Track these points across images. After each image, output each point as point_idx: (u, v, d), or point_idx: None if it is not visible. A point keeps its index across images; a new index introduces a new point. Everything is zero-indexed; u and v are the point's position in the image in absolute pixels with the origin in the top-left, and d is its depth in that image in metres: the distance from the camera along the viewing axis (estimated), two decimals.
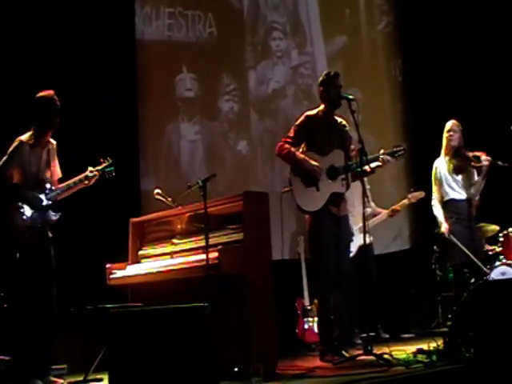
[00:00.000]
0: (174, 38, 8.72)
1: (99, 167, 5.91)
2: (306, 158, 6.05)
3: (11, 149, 5.60)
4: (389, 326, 7.84)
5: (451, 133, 7.25)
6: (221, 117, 8.83)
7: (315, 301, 7.71)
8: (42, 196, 5.59)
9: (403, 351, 5.74)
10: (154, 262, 6.23)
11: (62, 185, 5.77)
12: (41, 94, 5.69)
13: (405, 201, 7.91)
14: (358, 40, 10.06)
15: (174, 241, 6.19)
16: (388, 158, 6.25)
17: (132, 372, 4.14)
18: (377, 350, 5.58)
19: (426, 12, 9.87)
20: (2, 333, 5.91)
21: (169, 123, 8.53)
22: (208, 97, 8.80)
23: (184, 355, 4.23)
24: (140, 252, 6.52)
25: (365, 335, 7.31)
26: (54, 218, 5.64)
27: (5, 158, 5.55)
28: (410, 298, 8.94)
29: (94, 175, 5.85)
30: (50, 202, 5.63)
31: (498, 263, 7.64)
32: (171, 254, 6.14)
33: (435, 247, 8.77)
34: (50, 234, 5.67)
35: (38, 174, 5.64)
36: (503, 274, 7.52)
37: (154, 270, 6.00)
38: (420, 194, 7.81)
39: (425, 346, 5.59)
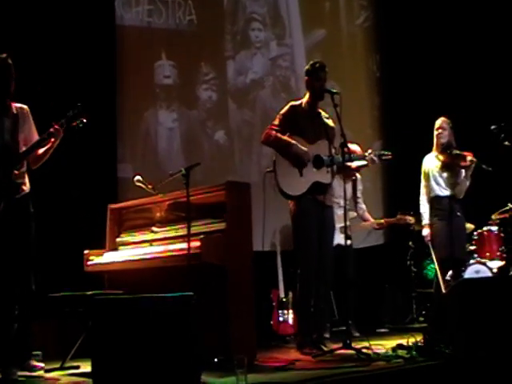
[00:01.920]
0: (153, 25, 8.60)
1: (62, 120, 5.44)
2: (296, 144, 6.01)
3: None
4: (362, 320, 7.83)
5: (440, 130, 7.33)
6: (199, 105, 8.74)
7: (290, 293, 7.69)
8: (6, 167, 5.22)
9: (382, 346, 5.74)
10: (132, 250, 6.17)
11: (24, 149, 5.35)
12: None
13: (393, 220, 7.88)
14: (337, 34, 10.04)
15: (154, 229, 6.11)
16: (375, 158, 6.26)
17: (115, 360, 4.08)
18: (356, 345, 5.59)
19: (404, 8, 9.90)
20: None
21: (147, 110, 8.42)
22: (186, 85, 8.71)
23: (167, 345, 4.16)
24: (118, 239, 6.45)
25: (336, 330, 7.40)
26: (18, 191, 5.29)
27: None
28: (385, 293, 8.94)
29: (58, 129, 5.36)
30: (16, 172, 5.27)
31: (472, 261, 7.71)
32: (150, 242, 6.08)
33: (410, 243, 8.81)
34: (32, 209, 5.42)
35: (3, 142, 5.26)
36: (477, 272, 7.59)
37: (133, 258, 5.93)
38: (410, 220, 7.81)
39: (399, 341, 5.61)
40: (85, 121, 5.52)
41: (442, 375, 4.87)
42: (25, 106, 5.52)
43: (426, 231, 7.37)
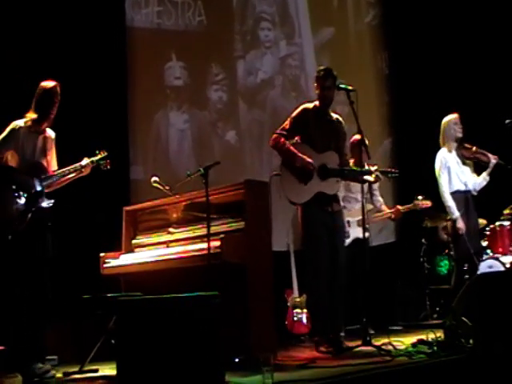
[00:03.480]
0: (163, 26, 8.64)
1: (94, 158, 5.89)
2: (301, 155, 5.98)
3: (5, 131, 5.58)
4: (375, 318, 7.82)
5: (460, 125, 7.28)
6: (209, 106, 8.77)
7: (304, 294, 7.68)
8: (36, 182, 5.50)
9: (401, 342, 5.74)
10: (148, 251, 6.16)
11: (57, 171, 5.71)
12: (44, 83, 5.68)
13: (410, 205, 7.85)
14: (346, 32, 10.05)
15: (170, 230, 6.11)
16: (380, 175, 6.29)
17: (139, 361, 4.07)
18: (374, 342, 5.59)
19: (412, 5, 9.87)
20: None
21: (157, 112, 8.45)
22: (197, 86, 8.74)
23: (192, 345, 4.15)
24: (134, 241, 6.44)
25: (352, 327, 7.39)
26: (45, 205, 5.52)
27: None
28: (397, 291, 8.93)
29: (88, 164, 5.82)
30: (43, 189, 5.53)
31: (485, 257, 7.71)
32: (167, 243, 6.08)
33: (423, 240, 8.81)
34: (49, 223, 5.59)
35: (33, 158, 5.60)
36: (490, 267, 7.58)
37: (150, 259, 5.93)
38: (426, 204, 7.76)
39: (417, 337, 5.61)
40: (109, 167, 5.98)
41: (465, 369, 4.86)
42: (53, 133, 5.82)
43: (460, 223, 7.25)
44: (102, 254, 6.33)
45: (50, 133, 5.78)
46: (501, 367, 4.88)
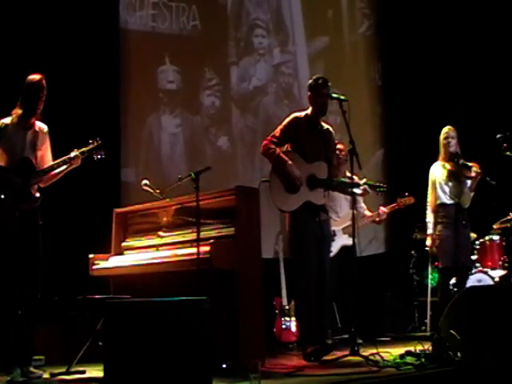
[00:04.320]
0: (157, 29, 8.62)
1: (84, 148, 5.70)
2: (292, 164, 5.96)
3: None
4: (363, 329, 7.81)
5: (449, 139, 7.25)
6: (202, 111, 8.76)
7: (292, 301, 7.64)
8: (22, 179, 5.40)
9: (389, 353, 5.72)
10: (138, 254, 6.14)
11: (46, 166, 5.59)
12: (29, 77, 5.57)
13: (394, 204, 7.84)
14: (340, 42, 10.05)
15: (160, 233, 6.08)
16: (368, 189, 6.29)
17: (127, 364, 4.04)
18: (361, 352, 5.56)
19: (407, 17, 9.90)
20: None
21: (150, 115, 8.43)
22: (190, 90, 8.73)
23: (178, 349, 4.12)
24: (123, 244, 6.41)
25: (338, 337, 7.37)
26: (34, 202, 5.45)
27: None
28: (386, 302, 8.93)
29: (77, 156, 5.62)
30: (29, 186, 5.44)
31: (474, 270, 7.72)
32: (157, 247, 6.04)
33: (413, 252, 8.80)
34: (40, 222, 5.52)
35: (23, 155, 5.48)
36: (479, 281, 7.63)
37: (140, 262, 5.91)
38: (410, 200, 7.73)
39: (405, 349, 5.59)
40: (104, 156, 5.79)
41: (453, 382, 4.85)
42: (45, 126, 5.69)
43: (429, 241, 7.35)
44: (91, 256, 6.28)
45: (42, 126, 5.65)
46: (489, 379, 4.88)
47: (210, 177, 7.84)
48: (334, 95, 6.05)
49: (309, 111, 6.23)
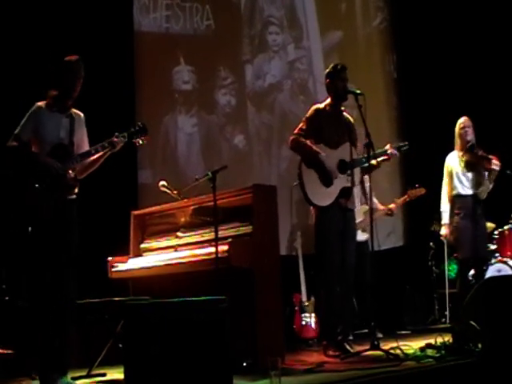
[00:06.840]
0: (171, 30, 8.65)
1: (125, 132, 5.42)
2: (324, 156, 6.01)
3: (28, 114, 5.17)
4: (383, 322, 7.81)
5: (466, 128, 7.19)
6: (218, 110, 8.78)
7: (312, 298, 7.68)
8: (60, 164, 5.04)
9: (409, 346, 5.72)
10: (157, 256, 6.18)
11: (84, 150, 5.26)
12: (66, 58, 5.27)
13: (405, 197, 7.86)
14: (354, 35, 10.03)
15: (178, 234, 6.12)
16: (395, 151, 6.29)
17: (147, 365, 4.06)
18: (382, 346, 5.57)
19: (420, 8, 9.87)
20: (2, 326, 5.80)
21: (166, 115, 8.46)
22: (205, 90, 8.75)
23: (198, 349, 4.15)
24: (142, 245, 6.46)
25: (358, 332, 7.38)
26: (70, 189, 5.17)
27: (21, 123, 5.13)
28: (405, 295, 8.91)
29: (120, 140, 5.35)
30: (71, 172, 5.14)
31: (493, 260, 7.69)
32: (175, 247, 6.08)
33: (431, 244, 8.78)
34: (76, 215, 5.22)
35: (58, 139, 5.13)
36: (499, 271, 7.60)
37: (158, 264, 5.95)
38: (420, 191, 7.73)
39: (426, 342, 5.60)
40: (146, 141, 5.55)
41: (473, 374, 4.86)
42: (81, 114, 5.41)
43: (443, 230, 7.32)
44: (110, 258, 6.34)
45: (78, 112, 5.35)
46: (510, 370, 4.88)
47: (227, 175, 7.89)
48: (350, 89, 6.12)
49: (328, 101, 6.31)
